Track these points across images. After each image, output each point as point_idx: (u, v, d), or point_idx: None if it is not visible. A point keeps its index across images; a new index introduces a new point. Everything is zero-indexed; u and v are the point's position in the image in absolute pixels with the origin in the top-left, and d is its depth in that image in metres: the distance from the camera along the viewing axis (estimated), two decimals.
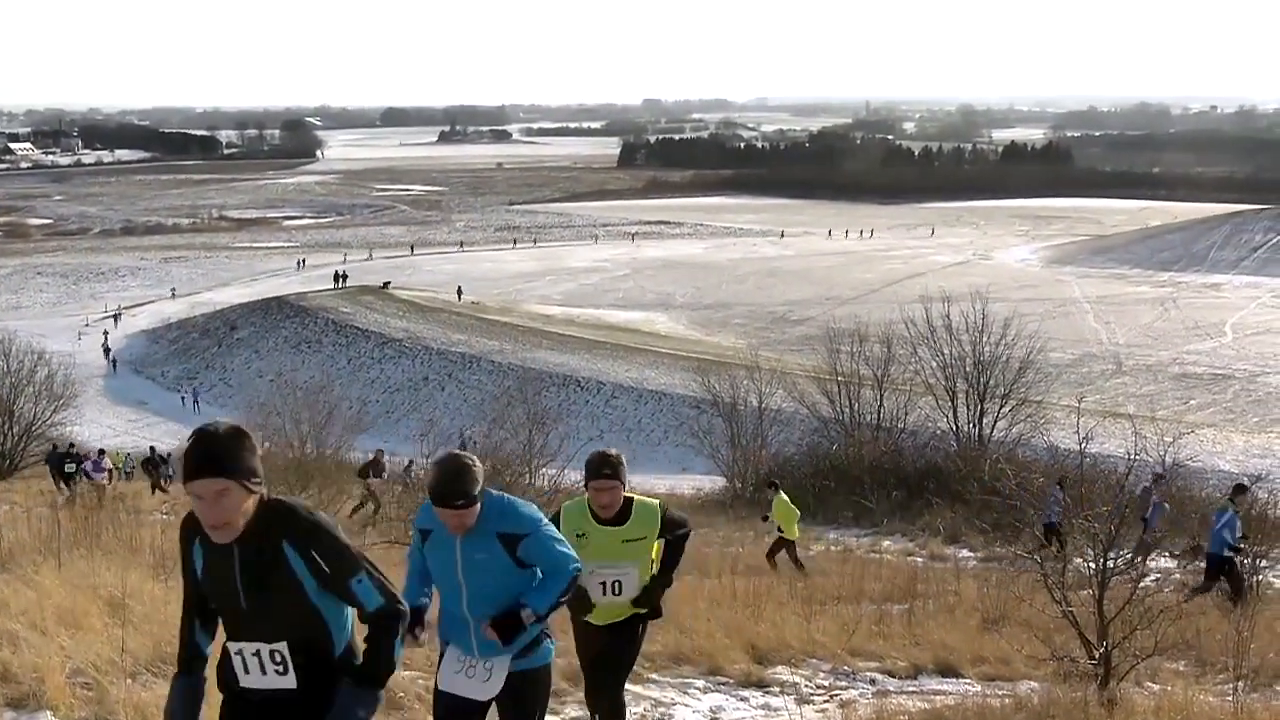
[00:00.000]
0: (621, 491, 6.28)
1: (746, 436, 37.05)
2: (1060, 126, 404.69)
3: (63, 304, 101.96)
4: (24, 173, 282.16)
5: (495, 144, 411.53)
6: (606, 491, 6.20)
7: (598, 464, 6.23)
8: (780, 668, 9.50)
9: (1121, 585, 9.52)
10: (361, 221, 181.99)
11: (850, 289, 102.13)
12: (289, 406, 29.09)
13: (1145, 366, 71.64)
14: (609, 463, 6.23)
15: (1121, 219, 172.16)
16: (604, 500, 6.22)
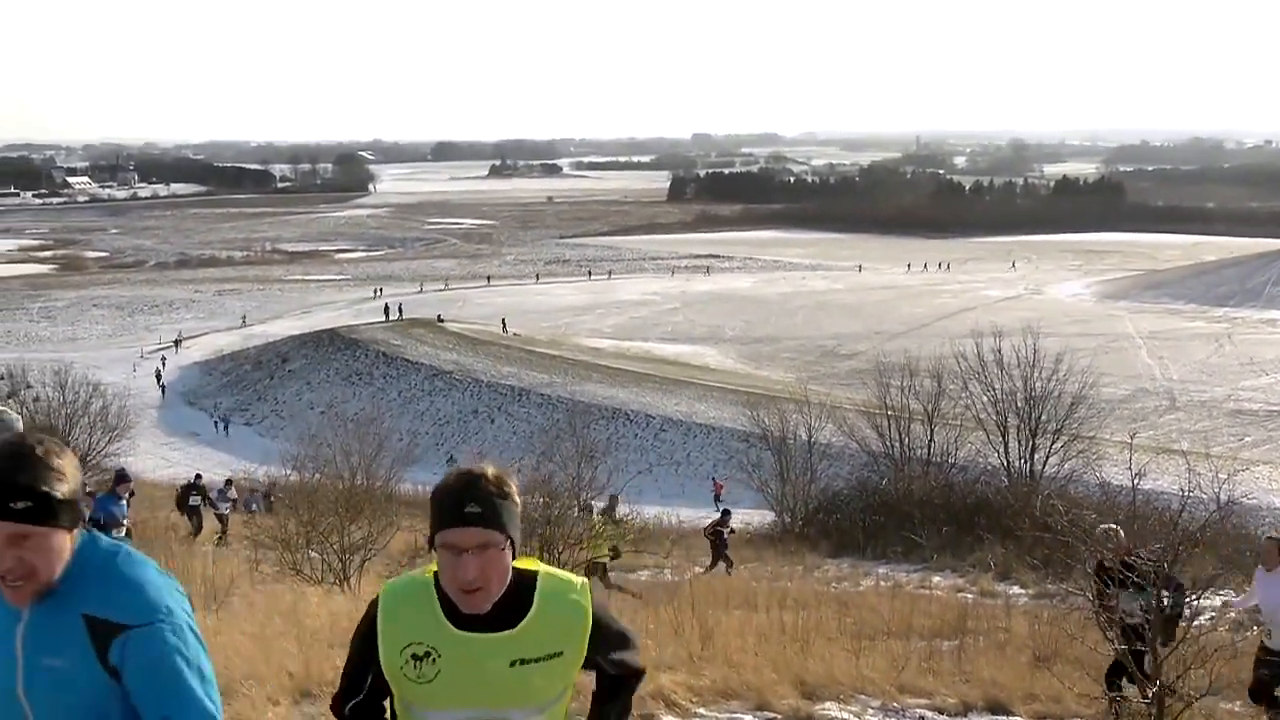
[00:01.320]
0: (507, 556, 3.07)
1: (796, 470, 36.90)
2: (1112, 160, 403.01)
3: (118, 336, 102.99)
4: (81, 206, 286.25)
5: (545, 178, 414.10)
6: (474, 557, 2.99)
7: (456, 494, 3.02)
8: (829, 704, 9.45)
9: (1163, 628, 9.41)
10: (413, 255, 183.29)
11: (900, 323, 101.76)
12: (339, 438, 29.19)
13: (1199, 402, 70.90)
14: (478, 492, 3.03)
15: (1175, 254, 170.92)
16: (468, 574, 3.00)
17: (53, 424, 41.43)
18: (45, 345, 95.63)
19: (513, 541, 3.08)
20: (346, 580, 16.42)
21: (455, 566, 3.01)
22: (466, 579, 2.99)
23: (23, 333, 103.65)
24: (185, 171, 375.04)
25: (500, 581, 3.06)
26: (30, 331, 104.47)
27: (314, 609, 11.40)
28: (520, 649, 3.12)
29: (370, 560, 17.53)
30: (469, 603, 3.04)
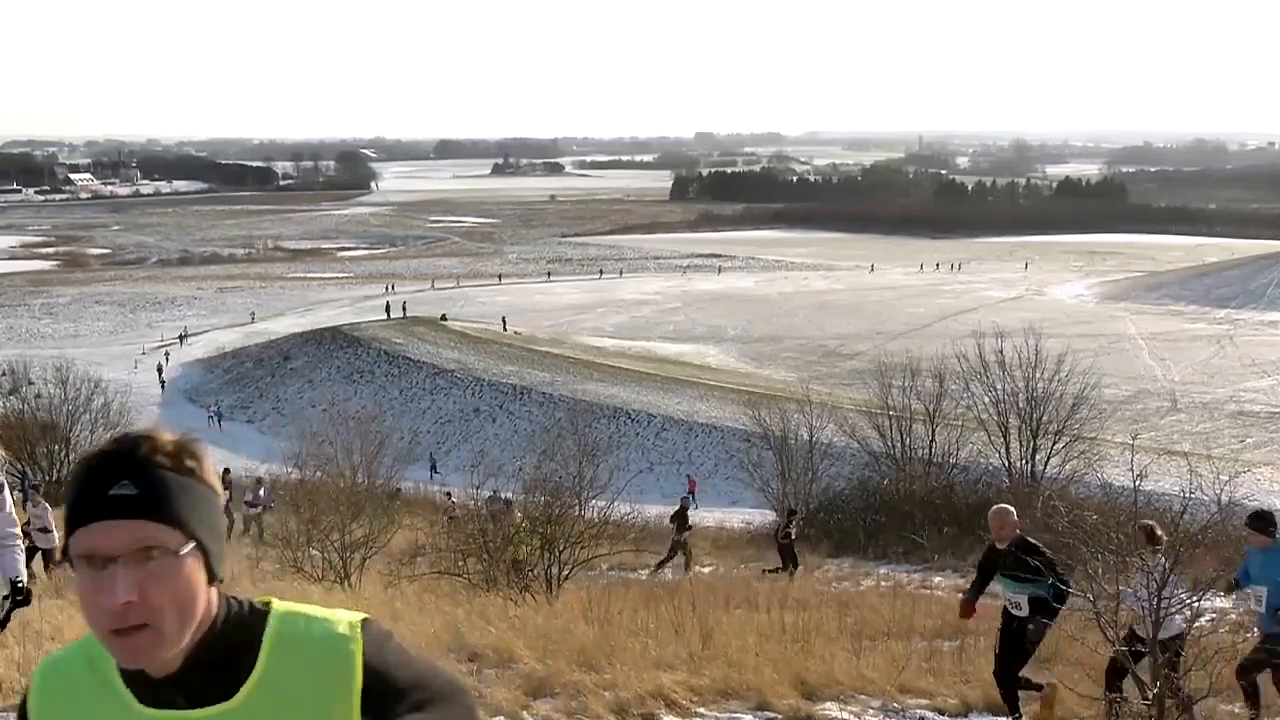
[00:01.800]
0: (190, 569, 1.90)
1: (797, 470, 36.90)
2: (1115, 162, 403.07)
3: (120, 333, 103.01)
4: (84, 203, 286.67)
5: (548, 176, 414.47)
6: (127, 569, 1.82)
7: (97, 471, 1.89)
8: (829, 704, 9.45)
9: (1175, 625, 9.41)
10: (415, 253, 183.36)
11: (902, 323, 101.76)
12: (341, 436, 29.26)
13: (1201, 404, 70.86)
14: (134, 465, 1.91)
15: (1177, 255, 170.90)
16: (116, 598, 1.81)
17: (54, 420, 41.52)
18: (47, 342, 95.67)
19: (203, 547, 1.94)
20: (347, 578, 16.44)
21: (97, 589, 1.83)
22: (114, 606, 1.82)
23: (25, 329, 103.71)
24: (188, 169, 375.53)
25: (182, 613, 1.89)
26: (32, 328, 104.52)
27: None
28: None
29: (371, 558, 17.54)
30: (128, 652, 1.86)
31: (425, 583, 16.35)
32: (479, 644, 9.94)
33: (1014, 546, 9.29)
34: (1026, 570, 9.16)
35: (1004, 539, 9.37)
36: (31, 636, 8.50)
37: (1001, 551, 9.40)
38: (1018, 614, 9.30)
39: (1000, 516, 9.54)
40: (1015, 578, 9.32)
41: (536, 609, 12.63)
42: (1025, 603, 9.27)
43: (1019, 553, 9.26)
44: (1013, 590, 9.39)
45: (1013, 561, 9.26)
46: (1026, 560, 9.16)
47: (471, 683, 8.78)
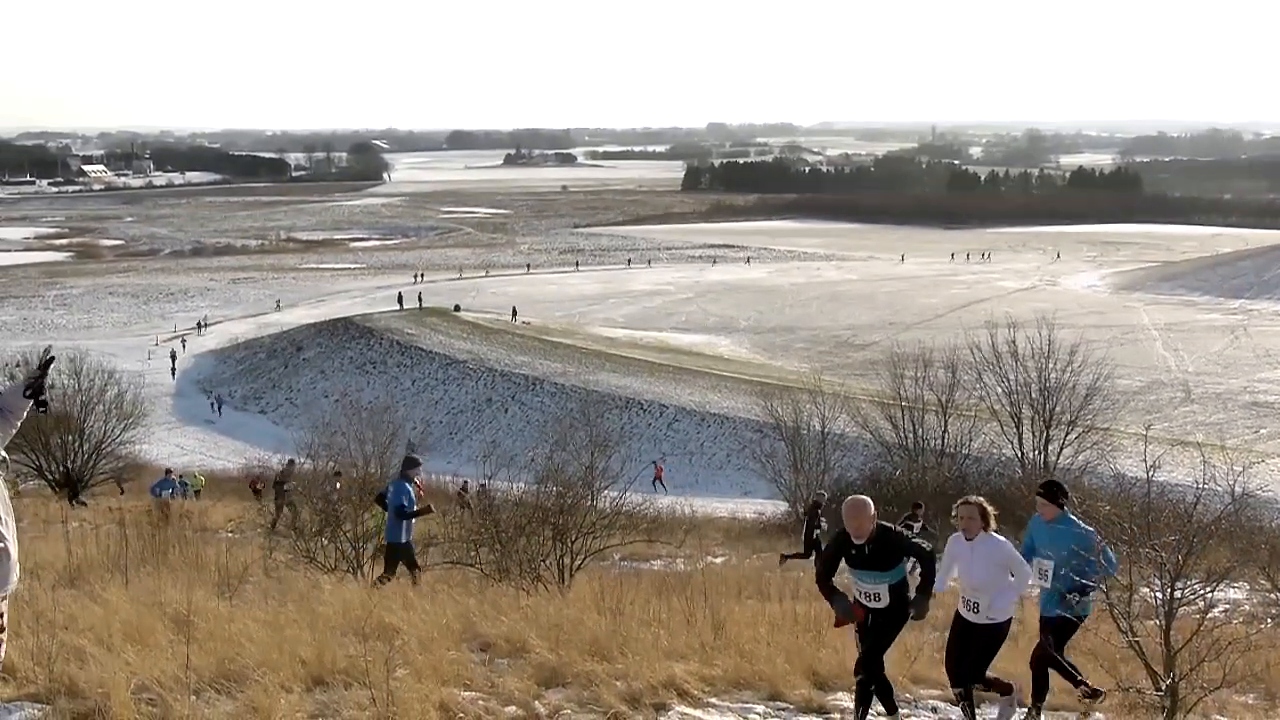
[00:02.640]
0: None
1: (809, 461, 36.92)
2: (1129, 152, 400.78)
3: (133, 324, 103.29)
4: (97, 194, 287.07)
5: (560, 167, 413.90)
6: None
7: None
8: (841, 694, 9.45)
9: (1189, 616, 9.40)
10: (427, 244, 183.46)
11: (914, 314, 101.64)
12: (353, 427, 29.24)
13: (1215, 395, 70.70)
14: None
15: (1191, 245, 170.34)
16: None
17: (68, 411, 41.58)
18: (61, 333, 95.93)
19: None
20: (360, 568, 16.46)
21: None
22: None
23: (39, 320, 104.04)
24: (201, 160, 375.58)
25: None
26: (46, 319, 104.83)
27: (327, 597, 11.42)
28: None
29: (383, 549, 17.57)
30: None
31: (438, 573, 16.37)
32: (491, 634, 9.94)
33: (871, 542, 8.60)
34: (888, 561, 8.66)
35: (863, 534, 8.60)
36: (45, 626, 8.53)
37: (857, 546, 8.67)
38: (875, 605, 8.72)
39: (859, 511, 8.64)
40: (873, 569, 8.70)
41: (548, 599, 12.64)
42: (885, 592, 8.69)
43: (879, 546, 8.62)
44: (870, 581, 8.73)
45: (871, 555, 8.63)
46: (888, 552, 8.65)
47: (484, 672, 8.80)
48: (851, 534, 8.67)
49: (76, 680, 7.35)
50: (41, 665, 7.63)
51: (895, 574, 8.71)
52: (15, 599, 7.79)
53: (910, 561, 8.87)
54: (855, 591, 8.87)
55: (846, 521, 8.68)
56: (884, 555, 8.63)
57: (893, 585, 8.71)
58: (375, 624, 9.44)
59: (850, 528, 8.67)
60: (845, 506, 8.76)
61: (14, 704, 7.12)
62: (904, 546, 8.75)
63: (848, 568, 8.86)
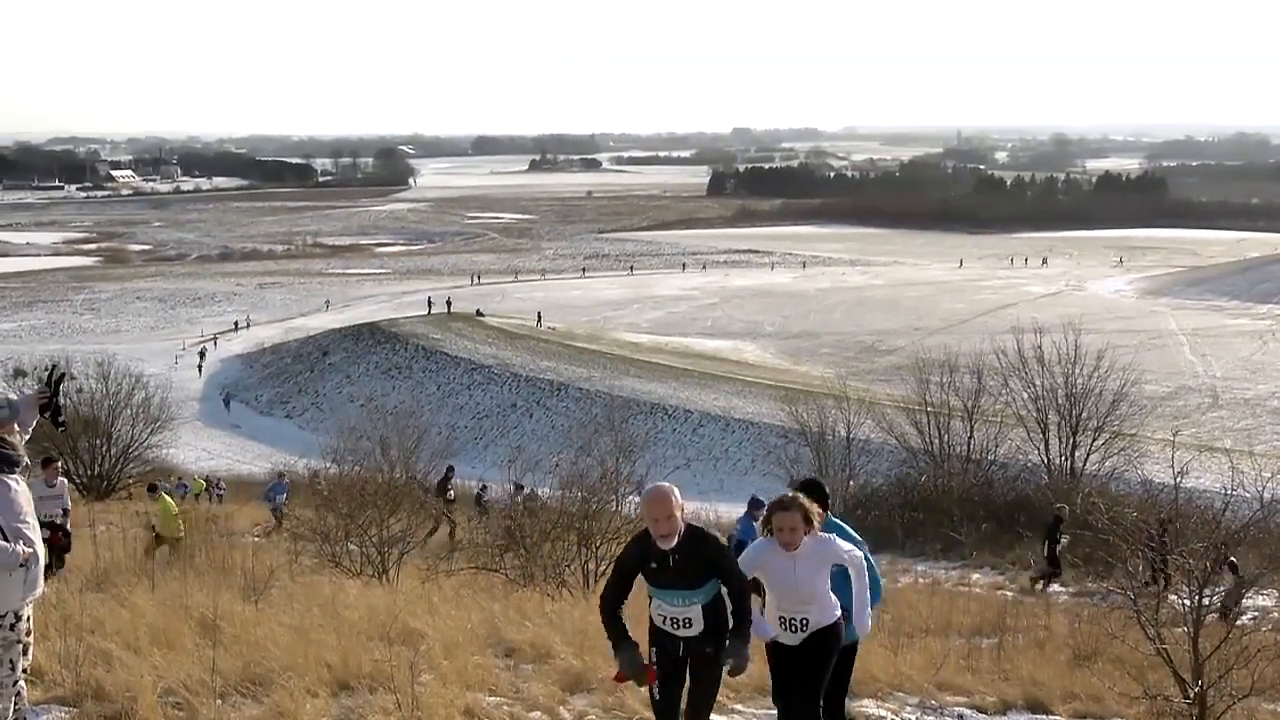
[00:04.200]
0: None
1: (834, 467, 36.74)
2: (1156, 156, 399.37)
3: (160, 328, 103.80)
4: (125, 199, 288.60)
5: (585, 172, 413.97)
6: None
7: None
8: (867, 701, 9.42)
9: (1217, 623, 9.34)
10: (452, 249, 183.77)
11: (940, 319, 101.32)
12: (378, 431, 29.35)
13: (1243, 400, 70.29)
14: None
15: (1219, 250, 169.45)
16: None
17: (95, 415, 41.82)
18: (89, 337, 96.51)
19: None
20: (385, 573, 16.49)
21: None
22: None
23: (67, 324, 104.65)
24: (227, 165, 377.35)
25: None
26: (74, 323, 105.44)
27: (353, 601, 11.45)
28: None
29: (409, 553, 17.60)
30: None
31: (462, 578, 16.39)
32: (516, 639, 9.95)
33: (678, 549, 6.53)
34: (698, 574, 6.61)
35: (669, 536, 6.50)
36: (72, 630, 8.57)
37: (661, 552, 6.54)
38: (687, 634, 6.70)
39: (662, 503, 6.51)
40: (680, 585, 6.63)
41: (573, 604, 12.65)
42: (699, 616, 6.67)
43: (688, 554, 6.56)
44: (678, 602, 6.67)
45: (679, 565, 6.55)
46: (699, 563, 6.60)
47: (508, 678, 8.80)
48: (654, 537, 6.53)
49: (103, 683, 7.39)
50: (69, 668, 7.66)
51: (708, 591, 6.67)
52: (43, 602, 7.83)
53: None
54: (656, 618, 6.82)
55: (647, 518, 6.57)
56: (693, 566, 6.58)
57: (706, 606, 6.69)
58: (400, 629, 9.45)
59: (653, 527, 6.53)
60: (645, 498, 6.65)
61: (42, 707, 7.16)
62: (718, 561, 6.64)
63: (647, 587, 6.74)
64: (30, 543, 6.00)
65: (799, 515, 7.00)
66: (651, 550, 6.61)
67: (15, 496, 6.06)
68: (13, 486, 6.08)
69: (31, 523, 6.09)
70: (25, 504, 6.11)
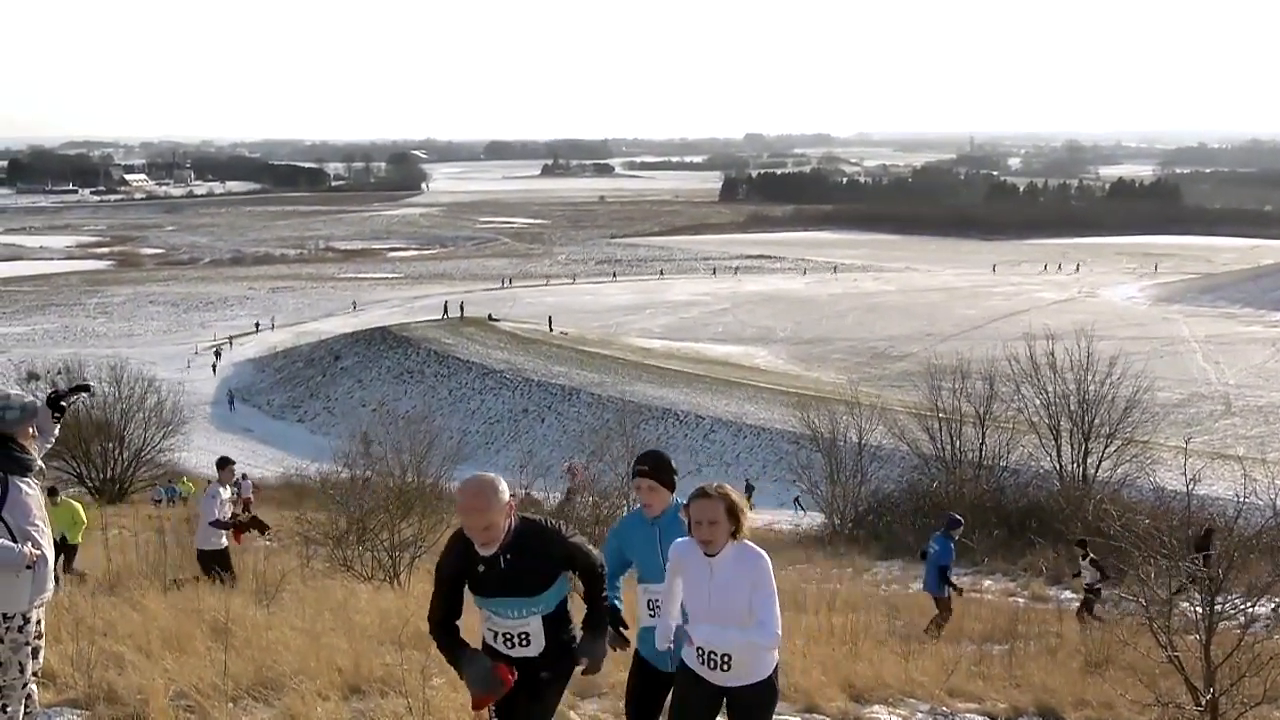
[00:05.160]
0: None
1: (846, 472, 36.69)
2: (1169, 163, 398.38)
3: (173, 332, 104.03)
4: (138, 203, 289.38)
5: (597, 177, 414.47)
6: None
7: None
8: (878, 707, 9.41)
9: (1229, 631, 9.31)
10: (465, 254, 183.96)
11: (952, 325, 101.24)
12: (390, 436, 29.37)
13: (1256, 408, 70.12)
14: None
15: (1232, 257, 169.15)
16: None
17: (109, 419, 41.92)
18: (102, 341, 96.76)
19: None
20: (396, 577, 16.50)
21: None
22: None
23: (80, 328, 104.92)
24: (241, 169, 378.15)
25: None
26: (87, 327, 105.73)
27: (364, 606, 11.46)
28: None
29: (420, 558, 17.61)
30: None
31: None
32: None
33: (508, 549, 5.44)
34: (537, 579, 5.54)
35: (491, 537, 5.39)
36: (85, 633, 8.59)
37: (485, 559, 5.46)
38: (523, 653, 5.66)
39: (480, 497, 5.37)
40: (515, 593, 5.55)
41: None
42: (538, 631, 5.65)
43: (521, 554, 5.46)
44: (511, 614, 5.61)
45: (509, 570, 5.47)
46: (536, 563, 5.51)
47: None
48: (474, 538, 5.42)
49: (115, 686, 7.40)
50: (81, 671, 7.68)
51: (550, 600, 5.65)
52: (55, 605, 7.85)
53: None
54: (486, 635, 5.79)
55: (463, 515, 5.40)
56: (530, 569, 5.52)
57: (549, 619, 5.68)
58: (412, 633, 9.46)
59: (470, 526, 5.38)
60: (460, 492, 5.46)
61: (54, 709, 7.18)
62: (561, 553, 5.60)
63: (474, 597, 5.66)
64: (38, 545, 6.02)
65: (721, 507, 5.50)
66: (475, 552, 5.48)
67: (26, 499, 6.08)
68: (24, 489, 6.10)
69: (42, 526, 6.12)
70: (36, 507, 6.13)
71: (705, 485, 5.62)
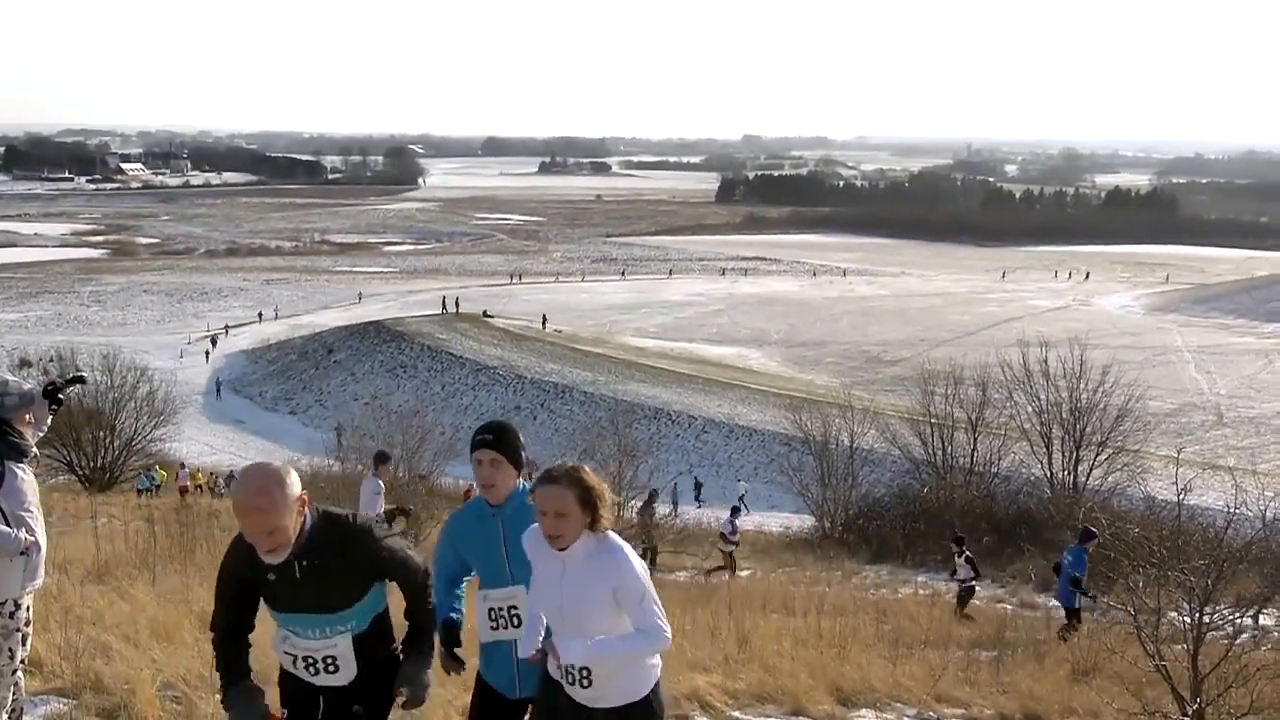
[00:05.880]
0: None
1: (837, 476, 36.76)
2: (1165, 172, 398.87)
3: (166, 322, 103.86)
4: (135, 192, 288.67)
5: (594, 176, 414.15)
6: None
7: None
8: (865, 710, 9.42)
9: (1217, 641, 9.33)
10: (460, 249, 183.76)
11: (946, 331, 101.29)
12: (382, 430, 29.38)
13: (1247, 419, 70.20)
14: None
15: (1226, 268, 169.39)
16: None
17: (100, 408, 41.87)
18: (95, 329, 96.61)
19: None
20: None
21: None
22: None
23: (73, 316, 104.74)
24: (238, 160, 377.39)
25: None
26: (81, 315, 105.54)
27: None
28: None
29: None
30: None
31: None
32: None
33: (303, 553, 4.42)
34: (343, 591, 4.56)
35: (278, 542, 4.33)
36: (73, 621, 8.58)
37: (275, 566, 4.43)
38: (330, 682, 4.71)
39: (264, 491, 4.27)
40: (316, 608, 4.57)
41: None
42: (348, 654, 4.66)
43: (320, 558, 4.44)
44: (313, 633, 4.63)
45: (305, 578, 4.46)
46: (340, 569, 4.49)
47: None
48: (257, 545, 4.35)
49: (102, 675, 7.38)
50: (68, 660, 7.66)
51: (360, 616, 4.66)
52: (43, 593, 7.83)
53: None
54: (284, 659, 4.80)
55: (240, 517, 4.28)
56: (332, 580, 4.51)
57: (361, 638, 4.69)
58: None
59: (251, 530, 4.30)
60: (237, 487, 4.40)
61: (40, 697, 7.17)
62: (369, 559, 4.57)
63: (270, 613, 4.70)
64: (32, 531, 6.01)
65: (571, 495, 4.49)
66: (255, 561, 4.45)
67: (22, 485, 6.07)
68: (20, 475, 6.09)
69: (36, 513, 6.10)
70: (31, 493, 6.12)
71: (553, 467, 4.57)
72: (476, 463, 5.10)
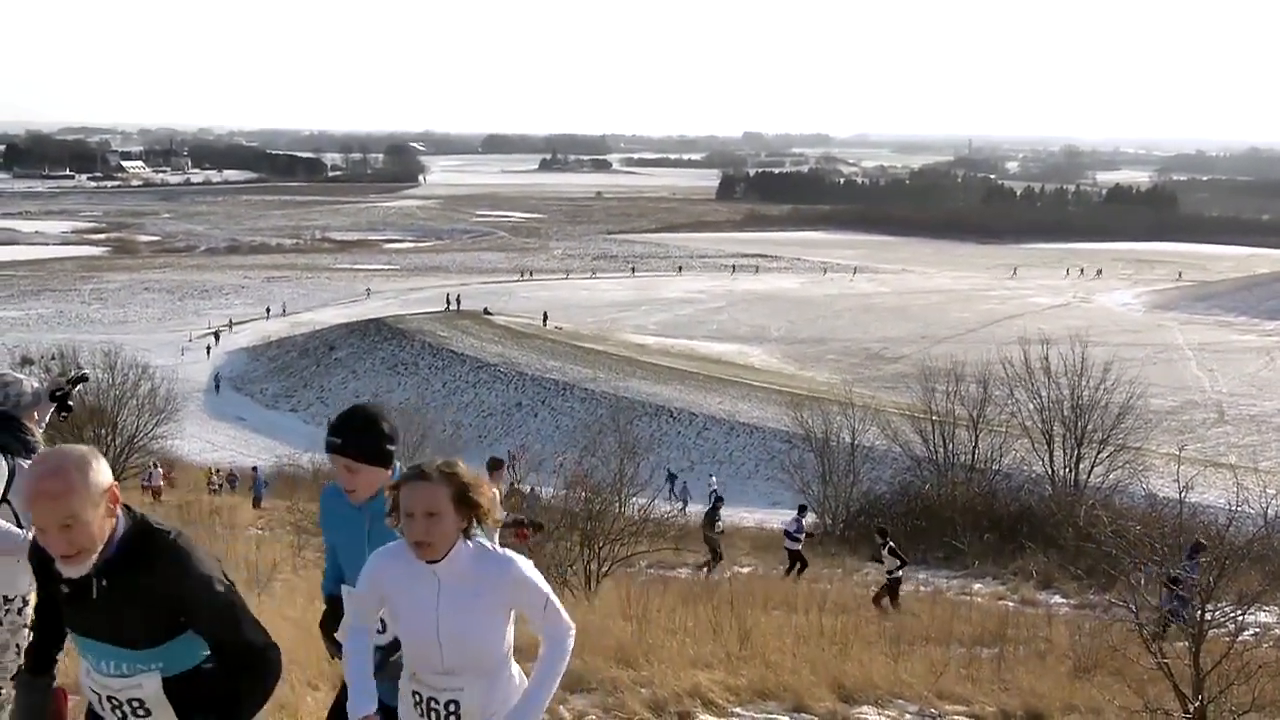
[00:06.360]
0: None
1: (838, 473, 36.78)
2: (1167, 170, 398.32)
3: (167, 320, 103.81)
4: (135, 190, 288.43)
5: (595, 173, 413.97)
6: None
7: None
8: (866, 708, 9.41)
9: (1219, 638, 9.33)
10: (460, 247, 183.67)
11: (947, 328, 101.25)
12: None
13: (1249, 416, 70.18)
14: None
15: (1228, 266, 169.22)
16: None
17: (102, 405, 41.84)
18: (96, 327, 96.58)
19: None
20: None
21: None
22: None
23: (74, 314, 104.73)
24: (238, 158, 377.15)
25: None
26: (82, 313, 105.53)
27: None
28: None
29: None
30: None
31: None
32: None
33: (106, 568, 3.53)
34: (144, 618, 3.56)
35: (74, 545, 3.44)
36: None
37: (70, 581, 3.56)
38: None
39: (60, 474, 3.43)
40: (112, 638, 3.63)
41: (575, 604, 12.64)
42: (158, 695, 3.67)
43: (124, 575, 3.53)
44: (111, 668, 3.68)
45: (105, 600, 3.55)
46: (148, 590, 3.54)
47: None
48: (50, 548, 3.51)
49: None
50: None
51: (172, 656, 3.65)
52: None
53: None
54: (90, 695, 3.84)
55: (30, 506, 3.47)
56: (135, 605, 3.55)
57: (174, 680, 3.68)
58: None
59: (42, 525, 3.47)
60: (29, 472, 3.54)
61: None
62: (168, 590, 3.55)
63: (72, 637, 3.82)
64: None
65: (444, 493, 3.76)
66: (51, 573, 3.65)
67: None
68: None
69: None
70: None
71: (424, 463, 3.84)
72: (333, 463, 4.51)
